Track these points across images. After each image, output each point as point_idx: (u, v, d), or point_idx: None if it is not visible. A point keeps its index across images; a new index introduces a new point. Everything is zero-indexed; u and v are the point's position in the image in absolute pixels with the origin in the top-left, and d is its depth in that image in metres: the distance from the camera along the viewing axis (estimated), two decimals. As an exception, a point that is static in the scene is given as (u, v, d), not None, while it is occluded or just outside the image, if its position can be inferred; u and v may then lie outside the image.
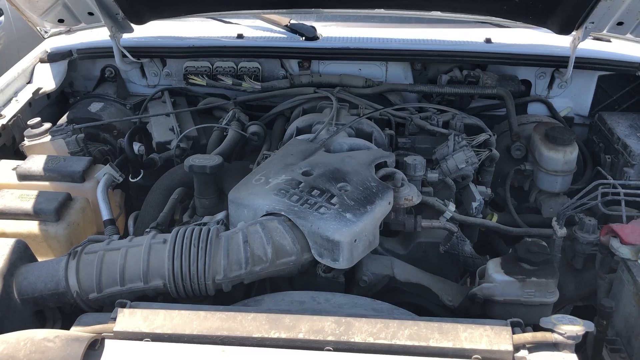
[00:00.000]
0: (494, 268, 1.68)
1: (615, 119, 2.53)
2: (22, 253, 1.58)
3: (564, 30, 2.37)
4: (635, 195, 1.89)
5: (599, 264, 1.87)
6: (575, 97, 2.76)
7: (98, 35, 2.78)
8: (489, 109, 2.76)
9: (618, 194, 1.90)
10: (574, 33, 2.40)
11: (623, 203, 1.89)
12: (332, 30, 2.82)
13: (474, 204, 2.11)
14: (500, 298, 1.66)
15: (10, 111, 2.42)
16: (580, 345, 1.33)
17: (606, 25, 2.35)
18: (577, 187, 2.37)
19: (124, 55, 2.69)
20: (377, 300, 1.60)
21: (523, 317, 1.37)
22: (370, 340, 1.27)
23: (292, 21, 2.78)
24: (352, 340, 1.27)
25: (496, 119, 2.73)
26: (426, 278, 1.83)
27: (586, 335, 1.31)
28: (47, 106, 2.74)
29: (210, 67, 2.71)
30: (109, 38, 2.61)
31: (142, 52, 2.76)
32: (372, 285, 1.77)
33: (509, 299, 1.65)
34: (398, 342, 1.27)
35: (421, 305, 1.80)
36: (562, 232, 1.93)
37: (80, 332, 1.29)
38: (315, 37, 2.71)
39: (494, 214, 2.26)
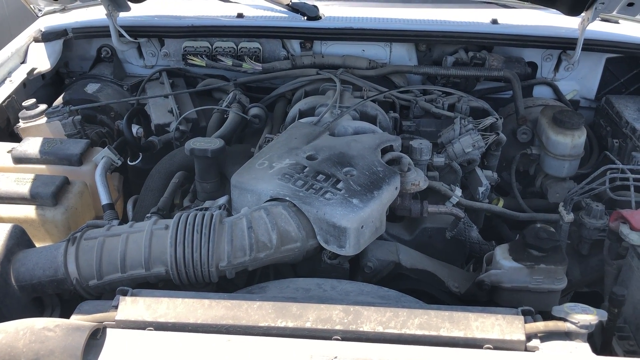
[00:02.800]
0: (501, 254, 1.65)
1: (624, 103, 2.49)
2: (19, 238, 1.54)
3: (573, 11, 2.31)
4: (645, 180, 1.86)
5: (606, 251, 1.84)
6: (581, 79, 2.72)
7: (94, 13, 2.70)
8: (494, 91, 2.71)
9: (627, 179, 1.87)
10: (583, 14, 2.34)
11: (632, 188, 1.86)
12: (334, 9, 2.75)
13: (481, 189, 2.07)
14: (508, 285, 1.63)
15: (4, 92, 2.36)
16: (590, 334, 1.31)
17: (616, 6, 2.28)
18: (583, 171, 2.34)
19: (121, 35, 2.62)
20: (383, 287, 1.57)
21: (531, 304, 1.34)
22: (380, 329, 1.24)
23: (294, 0, 2.71)
24: (361, 329, 1.24)
25: (500, 101, 2.68)
26: (432, 264, 1.80)
27: (594, 322, 1.29)
28: (42, 87, 2.67)
29: (210, 47, 2.64)
30: (105, 17, 2.53)
31: (140, 32, 2.68)
32: (377, 272, 1.74)
33: (516, 285, 1.63)
34: (408, 332, 1.24)
35: (427, 291, 1.77)
36: (569, 217, 1.90)
37: (81, 320, 1.25)
38: (317, 17, 2.63)
39: (499, 199, 2.22)
